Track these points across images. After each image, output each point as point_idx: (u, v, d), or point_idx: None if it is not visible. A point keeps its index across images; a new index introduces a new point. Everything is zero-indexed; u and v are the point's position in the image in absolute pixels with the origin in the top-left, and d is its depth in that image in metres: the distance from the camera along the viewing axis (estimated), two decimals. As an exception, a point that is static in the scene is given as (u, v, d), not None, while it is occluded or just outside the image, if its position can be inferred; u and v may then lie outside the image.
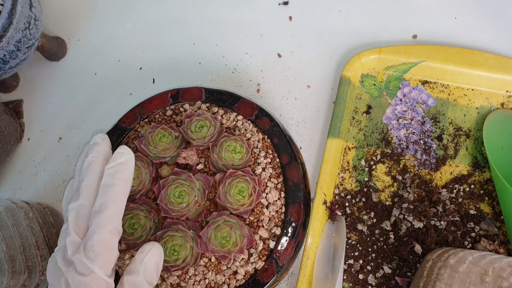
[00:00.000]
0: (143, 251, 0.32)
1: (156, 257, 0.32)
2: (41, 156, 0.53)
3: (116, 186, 0.31)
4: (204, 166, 0.40)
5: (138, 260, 0.31)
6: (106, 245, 0.29)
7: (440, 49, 0.48)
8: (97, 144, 0.33)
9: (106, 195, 0.30)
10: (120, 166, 0.32)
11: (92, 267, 0.29)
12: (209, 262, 0.37)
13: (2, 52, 0.43)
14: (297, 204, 0.38)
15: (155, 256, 0.32)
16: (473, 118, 0.47)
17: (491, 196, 0.44)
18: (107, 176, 0.31)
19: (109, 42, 0.57)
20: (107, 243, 0.30)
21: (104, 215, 0.30)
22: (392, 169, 0.46)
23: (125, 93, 0.54)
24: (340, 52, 0.52)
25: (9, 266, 0.39)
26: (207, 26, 0.55)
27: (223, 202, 0.36)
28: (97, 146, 0.33)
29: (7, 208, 0.43)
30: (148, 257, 0.31)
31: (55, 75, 0.56)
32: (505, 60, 0.47)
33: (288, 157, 0.40)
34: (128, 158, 0.33)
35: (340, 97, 0.48)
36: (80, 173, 0.32)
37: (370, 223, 0.45)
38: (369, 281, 0.43)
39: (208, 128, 0.39)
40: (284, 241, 0.37)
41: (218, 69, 0.54)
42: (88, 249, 0.29)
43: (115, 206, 0.31)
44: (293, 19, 0.54)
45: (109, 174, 0.31)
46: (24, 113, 0.55)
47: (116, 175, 0.31)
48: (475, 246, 0.42)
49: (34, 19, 0.46)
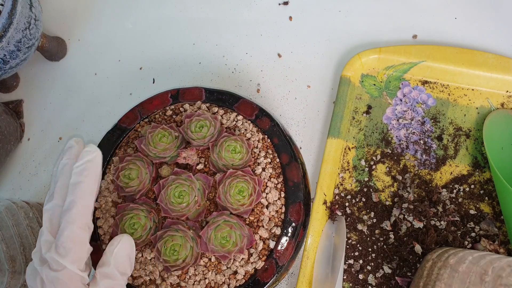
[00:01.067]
0: (113, 243, 0.33)
1: (127, 248, 0.33)
2: (41, 156, 0.53)
3: (83, 183, 0.32)
4: (204, 166, 0.40)
5: (108, 252, 0.32)
6: (76, 240, 0.30)
7: (440, 49, 0.48)
8: (71, 147, 0.34)
9: (74, 192, 0.31)
10: (87, 164, 0.33)
11: (63, 263, 0.29)
12: (209, 262, 0.37)
13: (2, 52, 0.43)
14: (297, 204, 0.38)
15: (126, 247, 0.33)
16: (473, 118, 0.47)
17: (491, 196, 0.44)
18: (75, 174, 0.32)
19: (109, 42, 0.57)
20: (77, 238, 0.30)
21: (73, 212, 0.31)
22: (392, 169, 0.46)
23: (125, 93, 0.54)
24: (340, 52, 0.52)
25: (9, 266, 0.39)
26: (207, 26, 0.55)
27: (223, 202, 0.36)
28: (71, 149, 0.34)
29: (7, 208, 0.43)
30: (118, 248, 0.32)
31: (55, 75, 0.56)
32: (505, 60, 0.47)
33: (288, 157, 0.40)
34: (95, 156, 0.33)
35: (340, 97, 0.48)
36: (55, 176, 0.33)
37: (370, 223, 0.45)
38: (369, 281, 0.43)
39: (208, 128, 0.39)
40: (284, 241, 0.37)
41: (218, 69, 0.54)
42: (59, 246, 0.30)
43: (83, 203, 0.31)
44: (293, 19, 0.54)
45: (77, 173, 0.32)
46: (24, 113, 0.55)
47: (83, 172, 0.32)
48: (475, 246, 0.42)
49: (34, 19, 0.46)
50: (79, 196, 0.31)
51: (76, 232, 0.30)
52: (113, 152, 0.41)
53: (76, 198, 0.31)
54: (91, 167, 0.33)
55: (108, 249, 0.32)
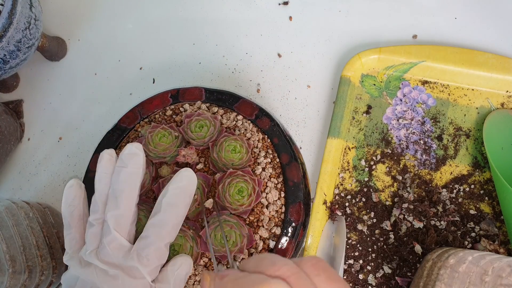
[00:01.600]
0: (175, 263, 0.33)
1: (187, 270, 0.34)
2: (41, 156, 0.53)
3: (177, 207, 0.33)
4: (204, 166, 0.40)
5: (170, 271, 0.33)
6: (159, 256, 0.32)
7: (440, 49, 0.48)
8: (136, 155, 0.33)
9: (168, 212, 0.32)
10: (184, 189, 0.33)
11: (144, 273, 0.31)
12: (209, 262, 0.37)
13: (2, 52, 0.43)
14: (297, 204, 0.38)
15: (186, 269, 0.34)
16: (473, 118, 0.47)
17: (491, 196, 0.44)
18: (173, 195, 0.33)
19: (109, 42, 0.57)
20: (160, 254, 0.32)
21: (164, 230, 0.32)
22: (392, 169, 0.46)
23: (125, 93, 0.54)
24: (340, 52, 0.52)
25: (9, 266, 0.39)
26: (207, 26, 0.55)
27: (222, 202, 0.36)
28: (136, 157, 0.33)
29: (7, 208, 0.43)
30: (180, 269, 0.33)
31: (55, 75, 0.56)
32: (505, 60, 0.47)
33: (288, 157, 0.40)
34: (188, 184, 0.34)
35: (340, 97, 0.48)
36: (117, 182, 0.33)
37: (370, 223, 0.45)
38: (369, 281, 0.43)
39: (208, 128, 0.39)
40: (284, 241, 0.37)
41: (218, 69, 0.54)
42: (143, 257, 0.31)
43: (173, 225, 0.32)
44: (293, 19, 0.54)
45: (174, 194, 0.33)
46: (24, 113, 0.55)
47: (180, 196, 0.33)
48: (475, 246, 0.42)
49: (34, 19, 0.46)
50: (171, 218, 0.32)
51: (162, 249, 0.32)
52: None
53: (169, 219, 0.32)
54: (187, 193, 0.33)
55: (170, 268, 0.33)
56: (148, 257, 0.31)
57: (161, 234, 0.32)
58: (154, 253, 0.31)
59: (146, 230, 0.32)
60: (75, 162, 0.52)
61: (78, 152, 0.52)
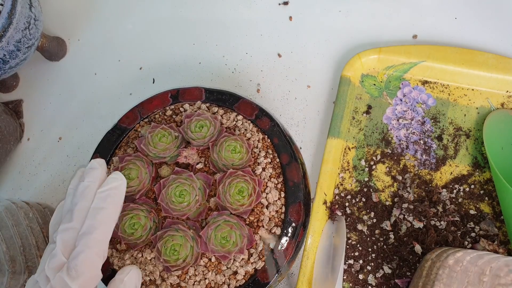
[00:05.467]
0: (123, 272, 0.33)
1: (135, 279, 0.33)
2: (41, 156, 0.53)
3: (106, 209, 0.31)
4: (204, 166, 0.40)
5: (118, 280, 0.32)
6: (90, 265, 0.30)
7: (440, 49, 0.48)
8: (94, 169, 0.33)
9: (96, 217, 0.31)
10: (112, 191, 0.32)
11: (72, 286, 0.29)
12: (209, 262, 0.37)
13: (2, 52, 0.43)
14: (297, 204, 0.38)
15: (134, 277, 0.33)
16: (473, 118, 0.47)
17: (491, 196, 0.44)
18: (99, 199, 0.32)
19: (109, 42, 0.57)
20: (91, 264, 0.30)
21: (92, 237, 0.30)
22: (392, 169, 0.46)
23: (125, 93, 0.54)
24: (340, 52, 0.52)
25: (9, 266, 0.39)
26: (207, 26, 0.55)
27: (223, 202, 0.36)
28: (94, 171, 0.33)
29: (7, 208, 0.43)
30: (128, 277, 0.32)
31: (55, 75, 0.56)
32: (505, 60, 0.47)
33: (288, 157, 0.40)
34: (121, 184, 0.33)
35: (340, 97, 0.48)
36: (75, 196, 0.32)
37: (370, 223, 0.45)
38: (369, 281, 0.43)
39: (208, 128, 0.39)
40: (284, 241, 0.37)
41: (218, 69, 0.54)
42: (71, 268, 0.29)
43: (103, 229, 0.31)
44: (293, 19, 0.54)
45: (100, 198, 0.32)
46: (24, 113, 0.55)
47: (107, 199, 0.32)
48: (474, 246, 0.42)
49: (34, 19, 0.46)
50: (100, 222, 0.31)
51: (92, 257, 0.30)
52: (113, 152, 0.41)
53: (97, 223, 0.31)
54: (116, 194, 0.32)
55: (118, 277, 0.32)
56: (77, 268, 0.29)
57: (90, 242, 0.30)
58: (83, 263, 0.29)
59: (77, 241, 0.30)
60: (75, 162, 0.52)
61: (78, 152, 0.52)
